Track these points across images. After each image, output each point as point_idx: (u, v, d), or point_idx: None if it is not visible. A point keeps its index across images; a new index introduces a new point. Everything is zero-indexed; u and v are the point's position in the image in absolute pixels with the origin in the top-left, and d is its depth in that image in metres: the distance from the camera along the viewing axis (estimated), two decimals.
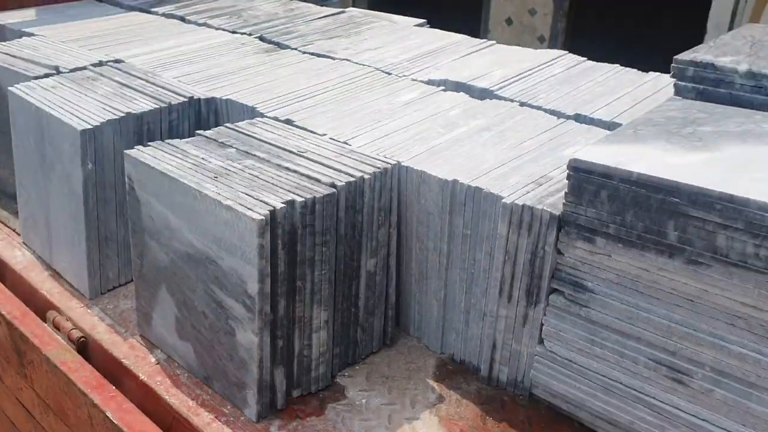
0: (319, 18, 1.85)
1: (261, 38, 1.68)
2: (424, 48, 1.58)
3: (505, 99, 1.26)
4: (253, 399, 0.97)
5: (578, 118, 1.18)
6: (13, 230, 1.42)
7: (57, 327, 1.17)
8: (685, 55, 1.05)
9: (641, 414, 0.90)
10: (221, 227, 0.92)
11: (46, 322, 1.19)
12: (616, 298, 0.88)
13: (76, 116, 1.16)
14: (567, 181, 0.87)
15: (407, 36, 1.69)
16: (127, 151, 1.04)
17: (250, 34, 1.71)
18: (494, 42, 1.62)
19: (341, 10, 1.93)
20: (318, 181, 0.96)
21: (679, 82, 1.05)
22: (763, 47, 1.09)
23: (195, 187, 0.93)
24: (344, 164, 1.01)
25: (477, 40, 1.63)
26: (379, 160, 1.02)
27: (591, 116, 1.18)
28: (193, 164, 1.00)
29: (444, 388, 1.05)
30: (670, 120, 0.96)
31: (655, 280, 0.84)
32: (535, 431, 0.98)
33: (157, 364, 1.09)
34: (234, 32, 1.74)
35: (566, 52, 1.50)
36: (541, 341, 0.97)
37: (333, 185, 0.95)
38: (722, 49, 1.07)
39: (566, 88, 1.30)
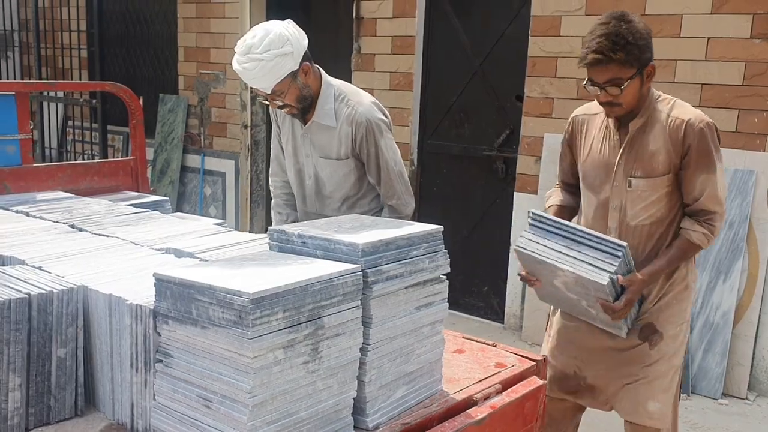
0: (126, 214, 2.54)
1: (72, 226, 2.35)
2: (183, 233, 2.26)
3: (192, 256, 1.91)
4: None
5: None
6: None
7: None
8: (273, 228, 1.73)
9: None
10: None
11: None
12: (181, 359, 1.45)
13: None
14: (155, 287, 1.49)
15: (179, 227, 2.37)
16: None
17: (65, 223, 2.38)
18: (231, 229, 2.31)
19: (146, 210, 2.63)
20: (20, 291, 1.56)
21: (270, 242, 1.73)
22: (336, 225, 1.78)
23: None
24: (46, 285, 1.61)
25: (222, 229, 2.32)
26: (71, 283, 1.64)
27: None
28: None
29: None
30: (243, 258, 1.61)
31: (193, 343, 1.43)
32: None
33: None
34: (55, 222, 2.41)
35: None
36: (154, 397, 1.52)
37: (27, 294, 1.55)
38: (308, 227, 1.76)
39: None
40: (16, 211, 2.60)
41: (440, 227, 1.79)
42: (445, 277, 1.79)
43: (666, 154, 2.29)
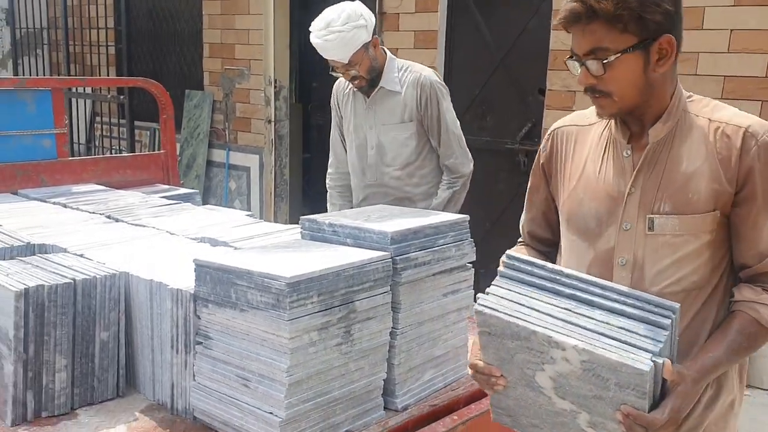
0: (160, 206, 2.62)
1: (108, 216, 2.44)
2: (216, 224, 2.33)
3: (226, 245, 1.98)
4: (10, 411, 1.56)
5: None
6: None
7: None
8: (305, 218, 1.80)
9: (233, 411, 1.50)
10: (1, 300, 1.57)
11: None
12: (221, 341, 1.52)
13: None
14: (195, 272, 1.56)
15: (212, 218, 2.45)
16: None
17: (101, 214, 2.47)
18: (261, 220, 2.37)
19: (179, 202, 2.71)
20: (65, 276, 1.64)
21: (302, 230, 1.79)
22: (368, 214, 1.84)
23: None
24: (90, 271, 1.69)
25: (253, 220, 2.39)
26: (114, 269, 1.71)
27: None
28: None
29: (142, 416, 1.64)
30: (278, 245, 1.68)
31: (232, 325, 1.49)
32: None
33: None
34: (92, 213, 2.50)
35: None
36: (194, 377, 1.59)
37: (72, 279, 1.62)
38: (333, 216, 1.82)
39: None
40: (54, 203, 2.69)
41: (466, 216, 1.84)
42: (470, 265, 1.85)
43: (710, 177, 1.42)
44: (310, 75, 6.35)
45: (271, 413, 1.42)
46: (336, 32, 2.62)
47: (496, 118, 4.98)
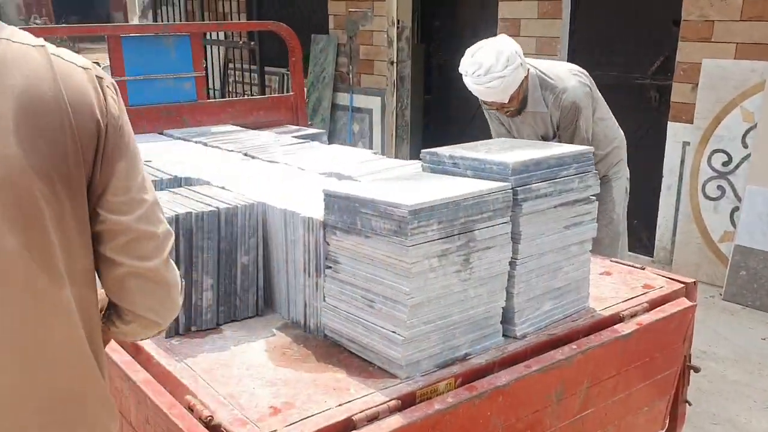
0: (291, 144, 2.77)
1: (245, 154, 2.61)
2: (342, 160, 2.44)
3: (351, 179, 2.08)
4: None
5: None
6: None
7: None
8: (426, 151, 1.85)
9: (359, 329, 1.61)
10: None
11: None
12: (348, 265, 1.63)
13: None
14: (324, 202, 1.66)
15: (339, 155, 2.56)
16: None
17: (239, 152, 2.64)
18: (384, 157, 2.46)
19: (308, 141, 2.85)
20: (210, 205, 1.80)
21: (423, 164, 1.85)
22: (486, 147, 1.87)
23: None
24: (232, 201, 1.84)
25: (377, 157, 2.48)
26: (252, 199, 1.85)
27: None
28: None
29: (279, 332, 1.79)
30: (400, 177, 1.75)
31: (358, 251, 1.59)
32: (317, 353, 1.69)
33: None
34: (231, 151, 2.68)
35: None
36: (324, 299, 1.72)
37: (216, 207, 1.78)
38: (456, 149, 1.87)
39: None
40: (196, 142, 2.91)
41: (591, 148, 1.83)
42: (594, 197, 1.84)
43: None
44: (431, 15, 6.32)
45: (394, 332, 1.52)
46: (498, 78, 2.53)
47: (626, 51, 4.77)
